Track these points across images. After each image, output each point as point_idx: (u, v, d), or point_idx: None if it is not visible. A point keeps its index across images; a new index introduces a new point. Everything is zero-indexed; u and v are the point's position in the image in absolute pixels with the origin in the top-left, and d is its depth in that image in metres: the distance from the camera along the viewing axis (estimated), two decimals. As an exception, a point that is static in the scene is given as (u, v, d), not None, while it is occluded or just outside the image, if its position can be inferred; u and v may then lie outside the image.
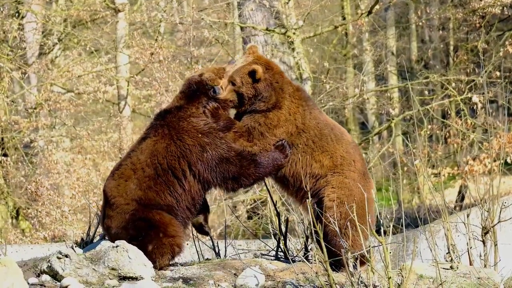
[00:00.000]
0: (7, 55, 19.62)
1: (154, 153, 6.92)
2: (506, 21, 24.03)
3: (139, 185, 6.88)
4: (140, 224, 6.83)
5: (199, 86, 7.12)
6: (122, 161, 7.11)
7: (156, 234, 6.82)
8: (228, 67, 7.23)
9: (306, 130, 7.06)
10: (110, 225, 6.96)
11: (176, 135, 6.93)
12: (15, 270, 6.00)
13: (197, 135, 6.92)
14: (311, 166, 7.03)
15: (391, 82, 26.55)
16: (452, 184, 23.48)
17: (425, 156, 19.22)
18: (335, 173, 7.02)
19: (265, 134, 7.02)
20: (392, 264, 6.54)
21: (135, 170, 6.92)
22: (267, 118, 7.04)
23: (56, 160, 19.59)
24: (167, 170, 6.89)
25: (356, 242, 6.72)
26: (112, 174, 7.07)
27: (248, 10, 18.79)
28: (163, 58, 19.60)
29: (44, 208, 18.45)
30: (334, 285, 6.29)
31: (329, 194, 6.95)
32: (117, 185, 6.95)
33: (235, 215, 17.30)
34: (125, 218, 6.87)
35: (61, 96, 21.16)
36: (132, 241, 6.76)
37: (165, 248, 6.84)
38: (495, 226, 7.52)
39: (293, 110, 7.09)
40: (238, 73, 7.05)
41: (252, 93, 7.04)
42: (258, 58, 7.14)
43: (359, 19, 19.71)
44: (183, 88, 7.25)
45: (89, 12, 21.60)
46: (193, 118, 6.99)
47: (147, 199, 6.87)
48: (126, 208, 6.87)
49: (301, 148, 7.03)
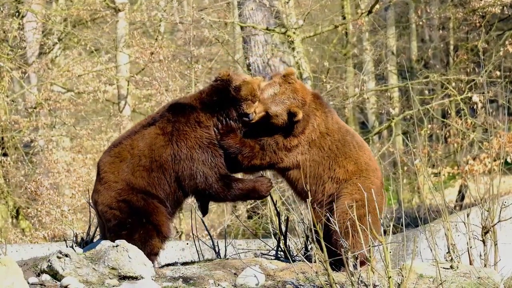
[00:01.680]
0: (7, 54, 19.61)
1: (152, 147, 6.94)
2: (506, 21, 24.02)
3: (133, 171, 6.92)
4: (123, 206, 6.87)
5: (228, 99, 7.01)
6: (122, 139, 7.11)
7: (139, 220, 6.86)
8: (262, 86, 7.09)
9: (330, 133, 7.15)
10: (97, 200, 7.02)
11: (176, 138, 6.93)
12: (15, 270, 6.00)
13: (194, 146, 6.92)
14: (334, 170, 7.08)
15: (391, 81, 26.54)
16: (452, 184, 23.49)
17: (425, 155, 19.22)
18: (362, 177, 7.11)
19: (278, 153, 7.06)
20: (392, 264, 6.54)
21: (132, 154, 6.95)
22: (287, 141, 7.08)
23: (56, 160, 19.60)
24: (160, 168, 6.91)
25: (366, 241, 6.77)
26: (109, 150, 7.11)
27: (248, 10, 18.78)
28: (163, 58, 19.60)
29: (44, 208, 18.46)
30: (334, 284, 6.29)
31: (352, 194, 7.00)
32: (111, 162, 7.00)
33: (235, 215, 17.29)
34: (110, 196, 6.92)
35: (61, 95, 21.16)
36: (117, 222, 6.84)
37: (149, 237, 6.86)
38: (495, 226, 7.52)
39: (316, 122, 7.14)
40: (277, 106, 7.01)
41: (282, 125, 7.05)
42: (295, 92, 7.06)
43: (359, 18, 19.70)
44: (207, 91, 7.12)
45: (89, 11, 21.59)
46: (199, 127, 6.96)
47: (137, 185, 6.92)
48: (114, 185, 6.93)
49: (326, 151, 7.07)
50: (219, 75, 7.10)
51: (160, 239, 6.95)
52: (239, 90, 6.99)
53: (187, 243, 11.12)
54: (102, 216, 6.99)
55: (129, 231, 6.87)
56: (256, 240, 11.10)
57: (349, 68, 25.27)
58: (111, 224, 6.95)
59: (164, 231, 6.94)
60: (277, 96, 7.05)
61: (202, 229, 14.70)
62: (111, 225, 6.96)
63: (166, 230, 6.95)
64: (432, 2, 24.49)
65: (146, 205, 6.89)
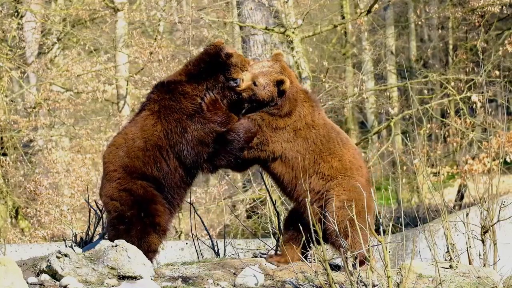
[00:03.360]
0: (6, 54, 19.61)
1: (144, 128, 6.99)
2: (505, 20, 24.02)
3: (128, 153, 6.96)
4: (124, 196, 6.90)
5: (217, 66, 7.04)
6: (120, 131, 7.24)
7: (137, 213, 6.87)
8: (252, 63, 7.20)
9: (316, 127, 7.15)
10: (101, 193, 7.07)
11: (164, 114, 6.97)
12: (15, 270, 6.00)
13: (182, 117, 6.94)
14: (319, 165, 7.08)
15: (390, 81, 26.55)
16: (451, 183, 23.47)
17: (424, 155, 19.21)
18: (346, 176, 7.09)
19: (263, 129, 7.06)
20: (392, 263, 6.55)
21: (126, 139, 7.01)
22: (274, 120, 7.09)
23: (56, 160, 19.60)
24: (154, 146, 6.95)
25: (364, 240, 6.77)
26: (109, 143, 7.23)
27: (247, 9, 18.78)
28: (162, 57, 19.60)
29: (43, 208, 18.46)
30: (333, 284, 6.29)
31: (339, 195, 6.99)
32: (109, 152, 7.08)
33: (235, 215, 17.32)
34: (112, 186, 6.96)
35: (60, 95, 21.16)
36: (116, 214, 6.85)
37: (146, 233, 6.87)
38: (494, 225, 7.52)
39: (303, 112, 7.16)
40: (264, 77, 7.07)
41: (268, 99, 7.08)
42: (284, 69, 7.17)
43: (358, 18, 19.71)
44: (193, 61, 7.16)
45: (88, 11, 21.59)
46: (184, 99, 6.98)
47: (134, 167, 6.94)
48: (114, 175, 6.96)
49: (310, 144, 7.08)
50: (212, 43, 7.17)
51: (158, 234, 6.93)
52: (230, 56, 7.03)
53: (186, 242, 11.12)
54: (105, 208, 7.06)
55: (127, 226, 6.86)
56: (255, 240, 11.10)
57: (348, 68, 25.27)
58: (111, 217, 6.97)
59: (162, 223, 6.93)
60: (265, 69, 7.13)
61: (202, 228, 14.73)
62: (111, 218, 6.97)
63: (163, 222, 6.94)
64: (431, 2, 24.51)
65: (145, 193, 6.91)
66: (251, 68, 7.14)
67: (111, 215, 6.96)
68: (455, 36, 24.98)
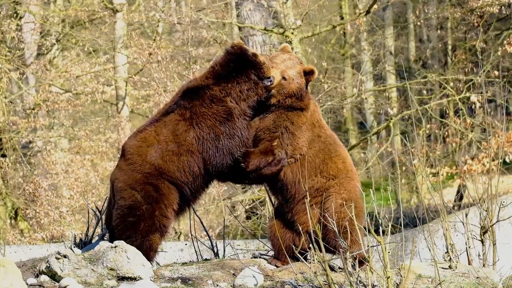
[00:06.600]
0: (5, 55, 19.61)
1: (176, 132, 7.00)
2: (504, 20, 24.02)
3: (162, 156, 6.96)
4: (148, 189, 6.89)
5: (246, 64, 7.04)
6: (146, 126, 7.17)
7: (153, 210, 6.89)
8: (271, 59, 7.18)
9: (323, 126, 7.22)
10: (118, 178, 7.01)
11: (196, 121, 6.99)
12: (14, 271, 6.00)
13: (215, 123, 6.99)
14: (326, 164, 7.10)
15: (389, 81, 26.56)
16: (450, 184, 23.46)
17: (423, 155, 19.19)
18: (347, 177, 7.13)
19: (295, 134, 7.07)
20: (391, 264, 6.55)
21: (158, 140, 7.00)
22: (299, 117, 7.12)
23: (55, 161, 19.60)
24: (188, 151, 6.97)
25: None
26: (134, 135, 7.15)
27: (246, 10, 18.77)
28: (161, 58, 19.59)
29: (42, 209, 18.45)
30: (332, 285, 6.29)
31: (341, 193, 7.02)
32: (138, 146, 7.03)
33: (234, 215, 17.30)
34: (135, 177, 6.93)
35: (59, 96, 21.15)
36: (131, 203, 6.85)
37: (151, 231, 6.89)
38: (494, 226, 7.52)
39: (312, 108, 7.23)
40: (291, 70, 7.12)
41: (297, 91, 7.11)
42: (298, 59, 7.27)
43: (357, 18, 19.71)
44: (220, 62, 7.15)
45: (87, 12, 21.60)
46: (214, 104, 7.01)
47: (167, 169, 6.95)
48: (141, 168, 6.94)
49: (321, 143, 7.10)
50: (234, 44, 7.15)
51: (161, 235, 6.96)
52: (257, 56, 7.05)
53: (185, 243, 11.11)
54: (118, 193, 6.97)
55: (137, 219, 6.84)
56: (254, 241, 11.09)
57: (347, 68, 25.28)
58: (122, 205, 6.91)
59: (167, 226, 6.97)
60: (287, 62, 7.18)
61: (201, 229, 14.70)
62: (121, 206, 6.91)
63: (168, 225, 6.99)
64: (430, 2, 24.50)
65: (169, 194, 6.95)
66: (272, 62, 7.15)
67: (123, 203, 6.90)
68: (454, 36, 25.00)
